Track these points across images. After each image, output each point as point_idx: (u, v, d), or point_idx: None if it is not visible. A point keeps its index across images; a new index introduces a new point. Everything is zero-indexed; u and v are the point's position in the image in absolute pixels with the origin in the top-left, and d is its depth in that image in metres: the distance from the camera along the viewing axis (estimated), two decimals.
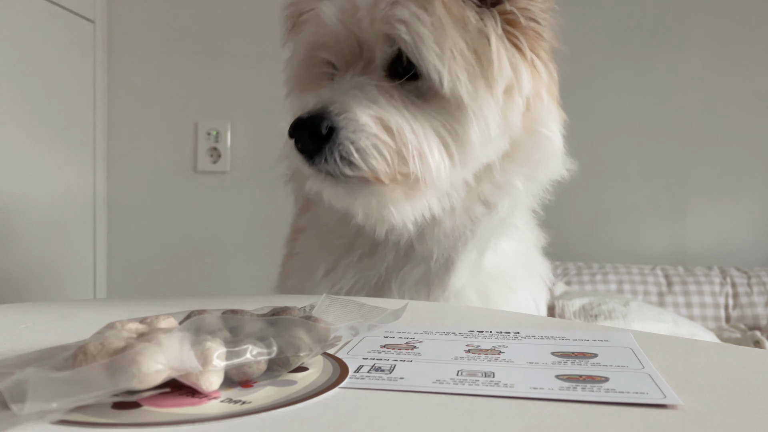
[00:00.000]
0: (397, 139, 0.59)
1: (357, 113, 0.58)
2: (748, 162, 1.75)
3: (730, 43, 1.75)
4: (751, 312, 1.53)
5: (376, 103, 0.59)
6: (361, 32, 0.62)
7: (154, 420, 0.27)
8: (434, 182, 0.60)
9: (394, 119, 0.59)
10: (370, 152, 0.58)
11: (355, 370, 0.33)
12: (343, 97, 0.59)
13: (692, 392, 0.30)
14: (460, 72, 0.59)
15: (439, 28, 0.59)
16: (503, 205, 0.67)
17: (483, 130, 0.61)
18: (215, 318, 0.33)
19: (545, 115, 0.67)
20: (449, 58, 0.59)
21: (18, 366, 0.30)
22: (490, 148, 0.63)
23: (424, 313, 0.52)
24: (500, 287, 0.71)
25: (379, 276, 0.69)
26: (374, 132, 0.58)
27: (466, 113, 0.60)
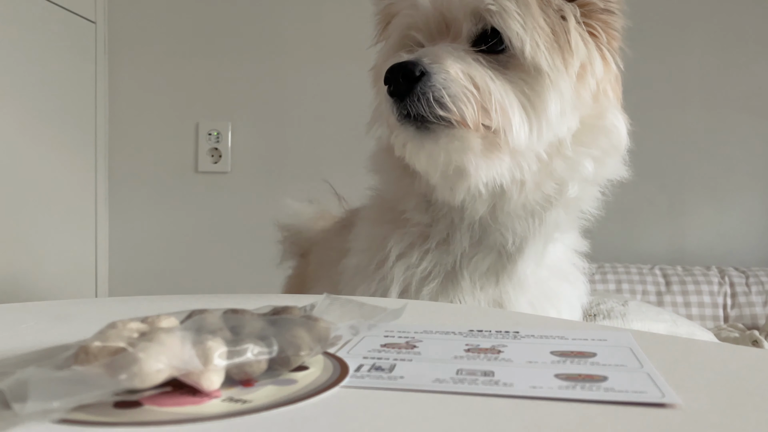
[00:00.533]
0: (483, 92, 0.63)
1: (448, 65, 0.62)
2: (747, 162, 1.75)
3: (729, 43, 1.75)
4: (749, 311, 1.53)
5: (464, 62, 0.63)
6: (450, 11, 0.67)
7: (156, 419, 0.27)
8: (513, 140, 0.64)
9: (480, 75, 0.63)
10: (460, 97, 0.62)
11: (356, 370, 0.33)
12: (437, 52, 0.64)
13: (691, 391, 0.30)
14: (540, 42, 0.64)
15: (522, 4, 0.64)
16: (573, 185, 0.69)
17: (558, 101, 0.65)
18: (216, 317, 0.33)
19: (612, 108, 0.72)
20: (531, 28, 0.64)
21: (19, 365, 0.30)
22: (564, 122, 0.66)
23: (424, 313, 0.52)
24: (560, 281, 0.74)
25: (454, 263, 0.71)
26: (463, 82, 0.62)
27: (544, 82, 0.64)
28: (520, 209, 0.69)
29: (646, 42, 1.78)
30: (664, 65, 1.77)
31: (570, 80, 0.66)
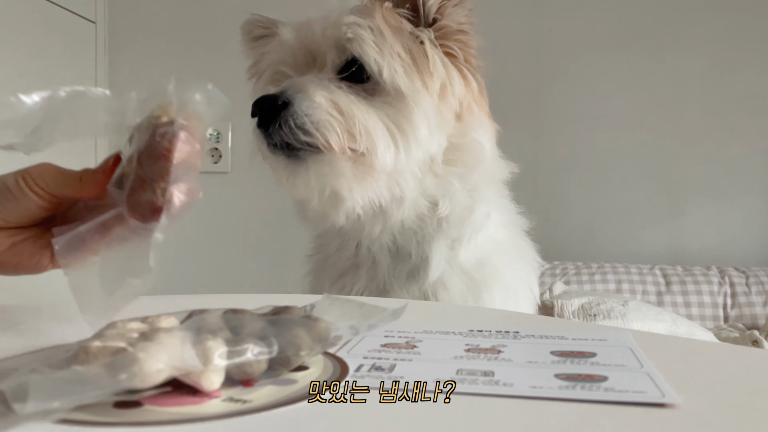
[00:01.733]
0: (347, 117, 0.66)
1: (311, 93, 0.66)
2: (747, 162, 1.75)
3: (730, 43, 1.75)
4: (749, 311, 1.53)
5: (329, 90, 0.67)
6: (314, 43, 0.71)
7: (156, 419, 0.27)
8: (380, 162, 0.68)
9: (344, 101, 0.67)
10: (323, 123, 0.65)
11: (356, 369, 0.33)
12: (301, 82, 0.68)
13: (691, 391, 0.30)
14: (396, 67, 0.68)
15: (377, 32, 0.69)
16: (444, 203, 0.74)
17: (423, 121, 0.69)
18: (216, 317, 0.33)
19: (476, 124, 0.75)
20: (387, 54, 0.68)
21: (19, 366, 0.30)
22: (432, 141, 0.71)
23: (424, 313, 0.52)
24: (485, 275, 0.77)
25: (383, 277, 0.77)
26: (326, 109, 0.66)
27: (407, 104, 0.69)
28: (401, 225, 0.74)
29: (646, 42, 1.78)
30: (664, 65, 1.77)
31: (432, 100, 0.70)
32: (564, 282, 1.56)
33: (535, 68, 1.81)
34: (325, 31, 0.71)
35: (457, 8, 0.73)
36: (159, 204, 0.39)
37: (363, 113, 0.67)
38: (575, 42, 1.80)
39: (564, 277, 1.61)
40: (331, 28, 0.70)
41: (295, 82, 0.68)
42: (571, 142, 1.81)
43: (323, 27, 0.71)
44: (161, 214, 0.39)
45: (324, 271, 0.82)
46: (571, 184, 1.80)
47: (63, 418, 0.26)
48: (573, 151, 1.81)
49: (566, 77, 1.81)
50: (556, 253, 1.74)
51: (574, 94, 1.80)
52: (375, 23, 0.69)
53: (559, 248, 1.77)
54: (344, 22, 0.69)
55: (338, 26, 0.70)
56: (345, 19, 0.70)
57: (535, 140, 1.80)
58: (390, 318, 0.38)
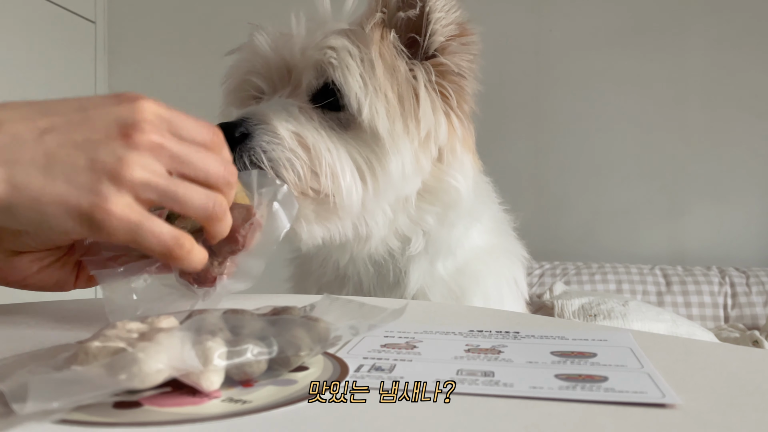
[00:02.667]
0: (312, 155, 0.61)
1: (275, 125, 0.60)
2: (747, 162, 1.75)
3: (730, 44, 1.75)
4: (749, 312, 1.53)
5: (296, 120, 0.62)
6: (292, 59, 0.65)
7: (155, 419, 0.27)
8: (345, 204, 0.63)
9: (312, 136, 0.61)
10: (282, 163, 0.60)
11: (356, 370, 0.33)
12: (264, 111, 0.62)
13: (691, 392, 0.30)
14: (379, 107, 0.63)
15: (368, 66, 0.63)
16: (417, 239, 0.71)
17: (397, 166, 0.64)
18: (216, 318, 0.33)
19: (455, 166, 0.70)
20: (372, 92, 0.62)
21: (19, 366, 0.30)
22: (404, 184, 0.67)
23: (424, 313, 0.52)
24: (464, 283, 0.75)
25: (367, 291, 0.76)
26: (289, 145, 0.60)
27: (382, 146, 0.63)
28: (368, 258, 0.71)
29: (646, 42, 1.78)
30: (664, 65, 1.77)
31: (411, 146, 0.65)
32: (564, 282, 1.56)
33: (535, 68, 1.81)
34: (306, 49, 0.65)
35: (461, 49, 0.68)
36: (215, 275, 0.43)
37: (331, 151, 0.62)
38: (575, 42, 1.80)
39: (564, 278, 1.61)
40: (315, 48, 0.64)
41: (259, 110, 0.62)
42: (571, 142, 1.81)
43: (305, 44, 0.65)
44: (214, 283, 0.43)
45: (308, 280, 0.79)
46: (571, 184, 1.80)
47: (63, 419, 0.26)
48: (573, 151, 1.81)
49: (566, 77, 1.81)
50: (556, 253, 1.74)
51: (574, 94, 1.80)
52: (368, 55, 0.63)
53: (559, 248, 1.77)
54: (331, 45, 0.63)
55: (323, 48, 0.64)
56: (333, 41, 0.64)
57: (535, 140, 1.80)
58: (390, 318, 0.38)
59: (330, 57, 0.63)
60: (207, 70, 1.92)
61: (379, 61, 0.63)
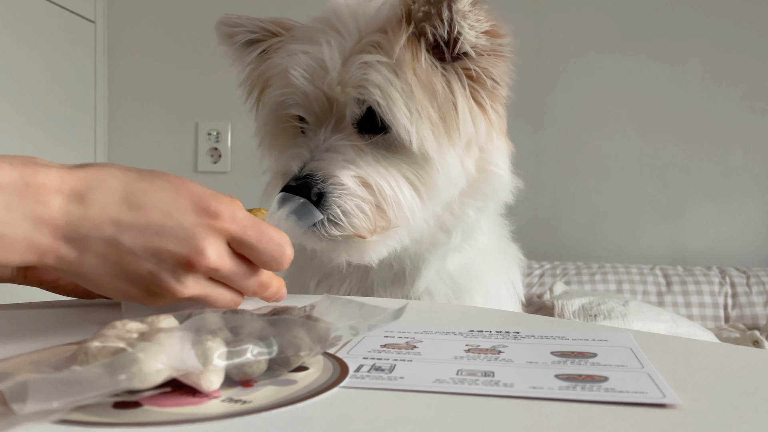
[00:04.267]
0: (376, 194, 0.65)
1: (341, 176, 0.64)
2: (748, 162, 1.75)
3: (730, 44, 1.75)
4: (750, 312, 1.53)
5: (354, 164, 0.66)
6: (332, 93, 0.67)
7: (155, 419, 0.27)
8: (408, 221, 0.68)
9: (372, 177, 0.65)
10: (354, 212, 0.64)
11: (356, 370, 0.33)
12: (325, 161, 0.65)
13: (691, 392, 0.30)
14: (426, 131, 0.65)
15: (408, 93, 0.65)
16: (457, 233, 0.74)
17: (446, 177, 0.68)
18: (216, 317, 0.33)
19: (495, 154, 0.74)
20: (417, 119, 0.65)
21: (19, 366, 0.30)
22: (451, 189, 0.70)
23: (424, 313, 0.52)
24: (468, 280, 0.78)
25: (370, 282, 0.77)
26: (357, 193, 0.65)
27: (431, 164, 0.67)
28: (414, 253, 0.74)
29: (646, 42, 1.78)
30: (664, 65, 1.77)
31: (456, 154, 0.68)
32: (564, 282, 1.56)
33: (535, 68, 1.81)
34: (346, 86, 0.66)
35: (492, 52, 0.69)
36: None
37: (391, 184, 0.66)
38: (575, 42, 1.80)
39: (564, 278, 1.61)
40: (355, 85, 0.65)
41: (321, 160, 0.65)
42: (571, 142, 1.81)
43: (344, 79, 0.66)
44: None
45: (308, 270, 0.80)
46: (571, 184, 1.80)
47: (63, 419, 0.26)
48: (573, 151, 1.81)
49: (566, 77, 1.81)
50: (556, 253, 1.74)
51: (574, 94, 1.80)
52: (406, 80, 0.65)
53: (559, 248, 1.77)
54: (372, 81, 0.64)
55: (364, 86, 0.65)
56: (374, 77, 0.64)
57: (535, 140, 1.80)
58: (390, 318, 0.38)
59: (374, 95, 0.65)
60: (207, 70, 1.92)
61: (417, 84, 0.65)
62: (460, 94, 0.68)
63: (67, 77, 1.79)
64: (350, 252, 0.68)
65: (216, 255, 0.41)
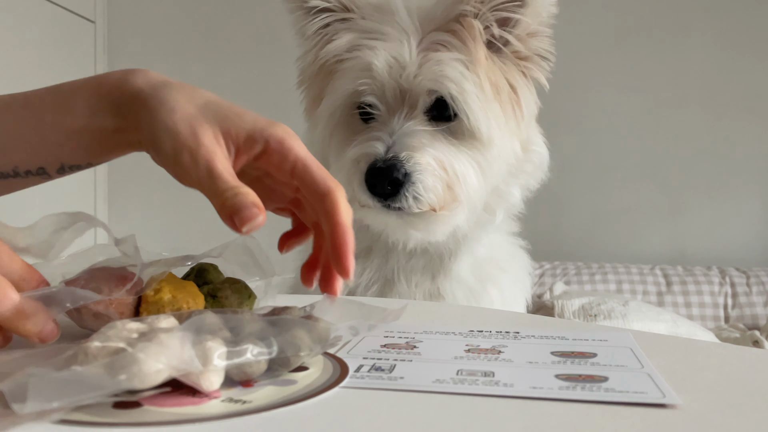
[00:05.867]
0: (449, 173, 0.71)
1: (422, 156, 0.70)
2: (747, 162, 1.75)
3: (730, 44, 1.75)
4: (750, 312, 1.53)
5: (431, 146, 0.71)
6: (408, 84, 0.72)
7: (155, 419, 0.27)
8: (470, 201, 0.74)
9: (446, 158, 0.71)
10: (434, 189, 0.70)
11: (355, 370, 0.33)
12: (406, 144, 0.71)
13: (691, 392, 0.30)
14: (492, 119, 0.72)
15: (479, 87, 0.72)
16: (500, 212, 0.80)
17: (502, 158, 0.75)
18: (216, 317, 0.33)
19: (533, 134, 0.80)
20: (486, 108, 0.72)
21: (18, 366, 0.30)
22: (503, 169, 0.77)
23: (424, 313, 0.52)
24: (493, 269, 0.83)
25: (392, 270, 0.79)
26: (436, 172, 0.70)
27: (492, 147, 0.73)
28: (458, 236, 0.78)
29: (646, 42, 1.78)
30: (664, 66, 1.77)
31: (511, 139, 0.76)
32: (564, 282, 1.56)
33: None
34: (424, 79, 0.72)
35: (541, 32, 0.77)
36: None
37: (462, 166, 0.72)
38: (575, 42, 1.80)
39: (564, 278, 1.61)
40: (432, 79, 0.71)
41: (402, 142, 0.70)
42: (571, 142, 1.81)
43: (421, 73, 0.72)
44: None
45: None
46: (571, 184, 1.80)
47: (63, 419, 0.26)
48: (573, 151, 1.81)
49: (567, 77, 1.81)
50: (556, 253, 1.74)
51: (574, 95, 1.80)
52: (479, 77, 0.71)
53: (559, 248, 1.77)
54: (448, 76, 0.70)
55: (441, 78, 0.71)
56: (449, 71, 0.70)
57: None
58: (390, 318, 0.38)
59: (451, 88, 0.71)
60: (207, 69, 1.92)
61: (487, 81, 0.72)
62: (520, 80, 0.75)
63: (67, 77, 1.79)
64: (422, 226, 0.73)
65: None
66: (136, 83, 0.45)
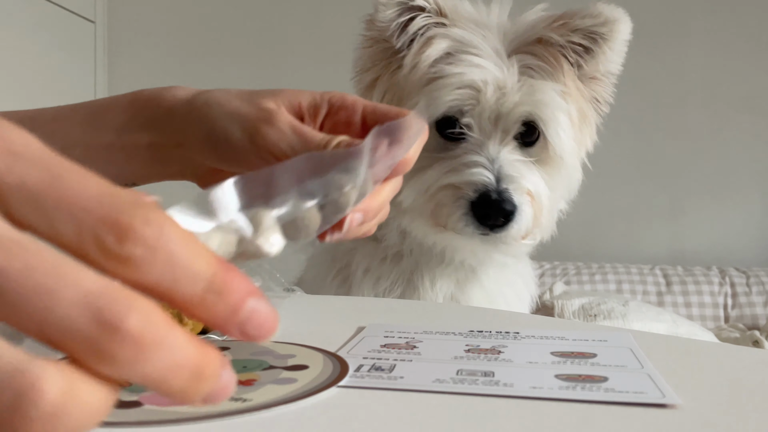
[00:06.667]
0: (536, 202, 0.73)
1: (521, 188, 0.71)
2: (747, 162, 1.75)
3: (730, 43, 1.75)
4: (749, 312, 1.53)
5: (527, 177, 0.72)
6: (505, 109, 0.72)
7: (155, 419, 0.27)
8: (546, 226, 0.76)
9: (536, 189, 0.73)
10: (527, 219, 0.71)
11: (356, 369, 0.33)
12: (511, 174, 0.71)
13: (691, 392, 0.30)
14: (574, 145, 0.75)
15: (570, 116, 0.74)
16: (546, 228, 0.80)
17: (572, 181, 0.79)
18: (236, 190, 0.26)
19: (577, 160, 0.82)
20: (572, 137, 0.75)
21: None
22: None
23: (424, 313, 0.52)
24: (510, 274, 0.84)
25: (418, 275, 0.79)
26: (530, 204, 0.72)
27: (567, 171, 0.77)
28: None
29: (646, 42, 1.78)
30: (664, 65, 1.77)
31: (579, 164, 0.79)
32: (564, 282, 1.56)
33: None
34: (520, 105, 0.72)
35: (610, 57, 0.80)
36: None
37: (546, 193, 0.74)
38: None
39: (564, 278, 1.61)
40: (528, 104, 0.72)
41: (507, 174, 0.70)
42: None
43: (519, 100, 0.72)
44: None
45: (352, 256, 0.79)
46: None
47: None
48: None
49: None
50: (556, 253, 1.74)
51: None
52: (569, 105, 0.74)
53: (559, 248, 1.77)
54: (543, 101, 0.71)
55: (536, 104, 0.72)
56: (544, 97, 0.72)
57: None
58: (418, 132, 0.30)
59: (544, 114, 0.72)
60: (207, 69, 1.92)
61: (576, 111, 0.75)
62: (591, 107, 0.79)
63: (66, 77, 1.79)
64: (505, 250, 0.75)
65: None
66: (174, 96, 0.44)
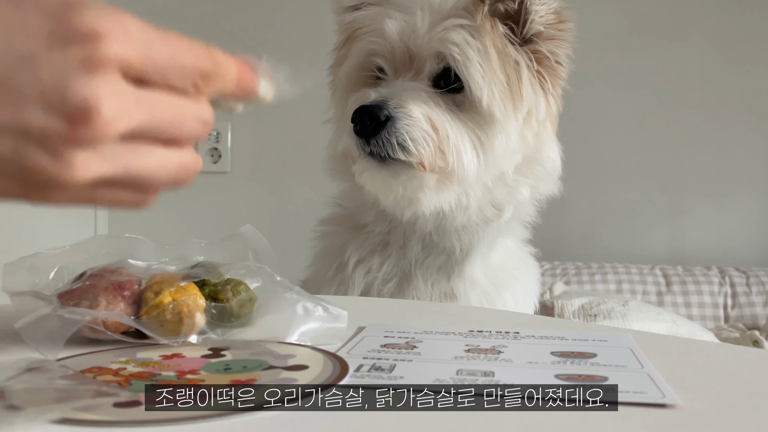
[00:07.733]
0: (441, 136, 0.70)
1: (411, 108, 0.69)
2: (747, 162, 1.75)
3: (730, 43, 1.75)
4: (749, 312, 1.53)
5: (426, 104, 0.71)
6: (416, 47, 0.73)
7: (156, 419, 0.27)
8: (464, 177, 0.72)
9: (439, 119, 0.70)
10: (421, 141, 0.69)
11: (356, 369, 0.33)
12: (400, 94, 0.70)
13: (691, 392, 0.30)
14: (495, 92, 0.71)
15: (484, 54, 0.71)
16: (509, 209, 0.78)
17: (505, 142, 0.73)
18: None
19: (548, 141, 0.81)
20: (490, 79, 0.71)
21: None
22: (508, 159, 0.75)
23: (424, 313, 0.52)
24: (506, 276, 0.82)
25: (409, 265, 0.78)
26: (424, 126, 0.69)
27: (494, 125, 0.72)
28: (462, 227, 0.77)
29: (646, 42, 1.78)
30: (664, 65, 1.77)
31: (517, 124, 0.74)
32: (564, 282, 1.56)
33: None
34: (431, 41, 0.72)
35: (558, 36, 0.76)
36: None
37: (456, 133, 0.71)
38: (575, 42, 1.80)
39: (564, 277, 1.61)
40: (438, 41, 0.72)
41: (396, 92, 0.70)
42: (570, 141, 1.80)
43: (430, 37, 0.72)
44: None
45: (345, 249, 0.80)
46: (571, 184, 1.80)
47: (63, 418, 0.26)
48: (573, 151, 1.80)
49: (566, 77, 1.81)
50: (556, 253, 1.74)
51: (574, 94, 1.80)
52: (484, 45, 0.71)
53: (559, 248, 1.77)
54: (453, 40, 0.71)
55: (446, 42, 0.71)
56: (455, 36, 0.71)
57: None
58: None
59: (453, 51, 0.71)
60: None
61: (493, 50, 0.72)
62: (525, 68, 0.74)
63: None
64: (406, 185, 0.71)
65: (113, 108, 0.24)
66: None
